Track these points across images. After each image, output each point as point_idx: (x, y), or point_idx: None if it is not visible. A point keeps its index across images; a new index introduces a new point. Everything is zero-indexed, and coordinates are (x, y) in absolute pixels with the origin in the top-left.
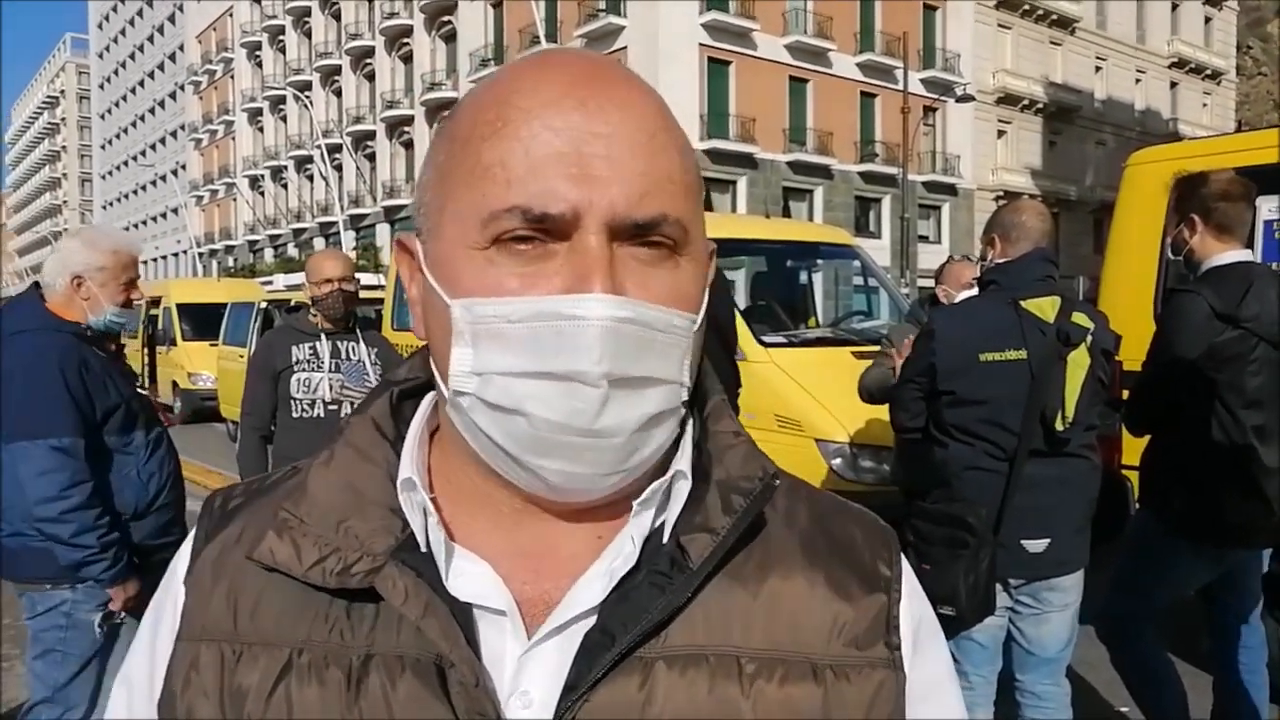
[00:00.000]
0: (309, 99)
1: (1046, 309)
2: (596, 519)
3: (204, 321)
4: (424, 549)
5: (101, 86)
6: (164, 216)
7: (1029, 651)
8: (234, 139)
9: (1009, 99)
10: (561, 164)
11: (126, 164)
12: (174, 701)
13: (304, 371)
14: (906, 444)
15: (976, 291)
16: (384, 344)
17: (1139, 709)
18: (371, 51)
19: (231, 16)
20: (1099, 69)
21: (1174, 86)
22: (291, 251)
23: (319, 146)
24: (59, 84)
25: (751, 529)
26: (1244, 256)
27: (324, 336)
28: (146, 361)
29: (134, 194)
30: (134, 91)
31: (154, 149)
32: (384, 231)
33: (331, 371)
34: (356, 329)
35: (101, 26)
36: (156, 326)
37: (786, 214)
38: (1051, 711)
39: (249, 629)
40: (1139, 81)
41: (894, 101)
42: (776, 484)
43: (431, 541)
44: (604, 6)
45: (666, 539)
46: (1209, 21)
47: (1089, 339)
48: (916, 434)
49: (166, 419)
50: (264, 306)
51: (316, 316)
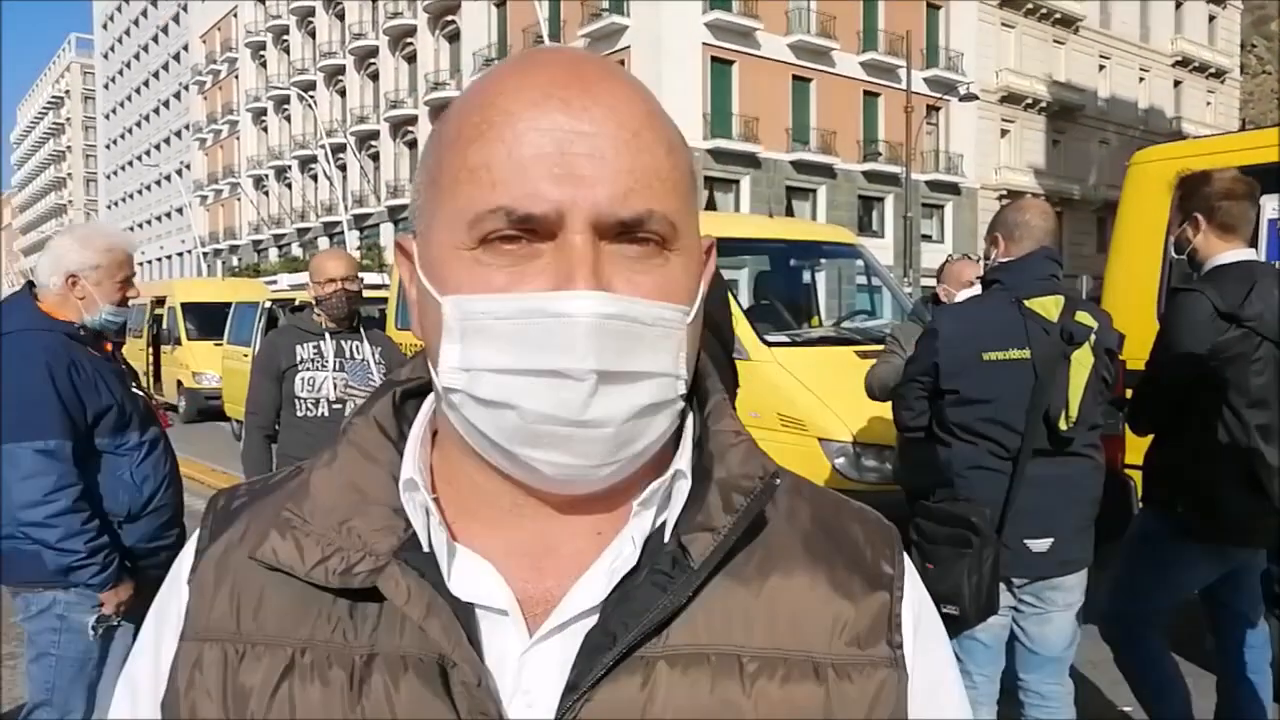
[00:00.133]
0: (313, 99)
1: (1050, 308)
2: (597, 518)
3: (209, 321)
4: (426, 549)
5: (106, 86)
6: (168, 216)
7: (1032, 651)
8: (238, 139)
9: (1012, 98)
10: (545, 164)
11: (131, 164)
12: (177, 701)
13: (308, 370)
14: (909, 443)
15: (977, 290)
16: (388, 343)
17: (1142, 708)
18: (375, 51)
19: (235, 16)
20: (1102, 68)
21: (1178, 85)
22: (296, 251)
23: (323, 146)
24: (64, 84)
25: (753, 528)
26: (1247, 255)
27: (328, 336)
28: (151, 361)
29: (139, 194)
30: (138, 91)
31: (158, 149)
32: (388, 231)
33: (336, 370)
34: (360, 328)
35: (106, 27)
36: (161, 326)
37: (790, 213)
38: (1055, 711)
39: (252, 629)
40: (1142, 80)
41: (897, 100)
42: (777, 483)
43: (433, 541)
44: (607, 6)
45: (668, 538)
46: (1213, 20)
47: (1093, 338)
48: (920, 433)
49: (165, 421)
50: (268, 306)
51: (320, 316)
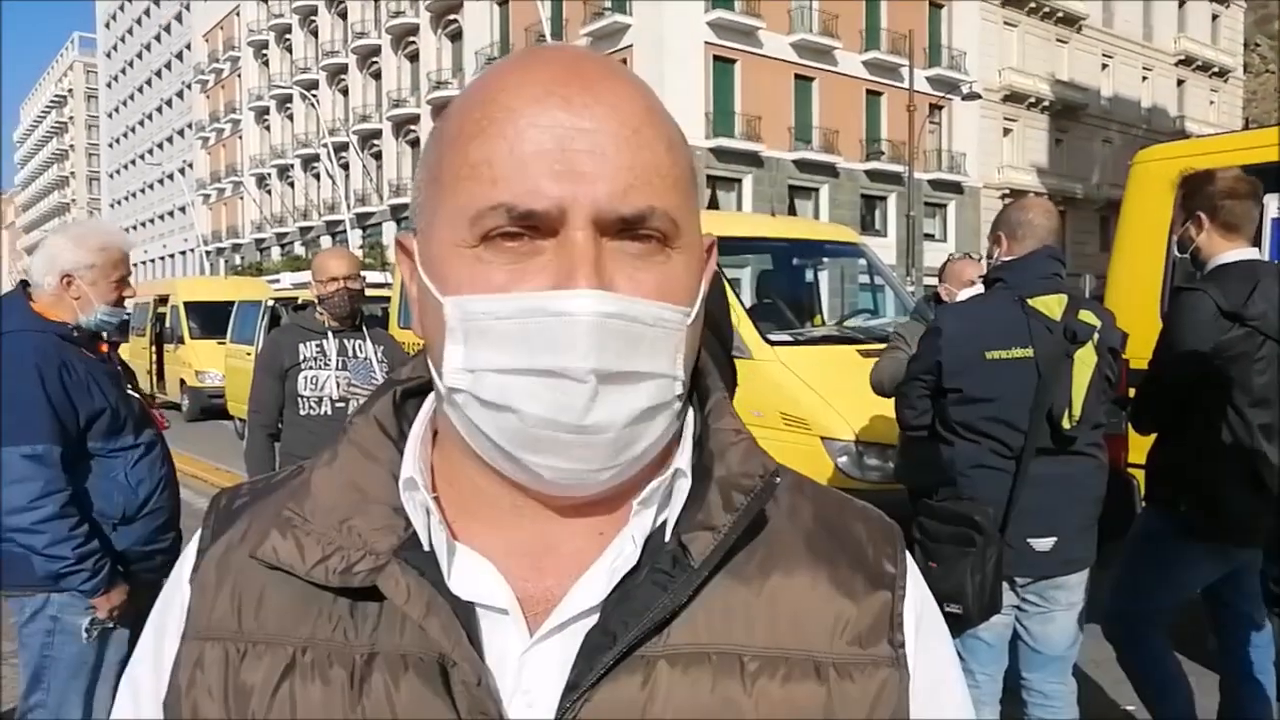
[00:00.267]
0: (315, 97)
1: (1053, 307)
2: (598, 517)
3: (211, 320)
4: (427, 548)
5: (109, 85)
6: (171, 215)
7: (1035, 650)
8: (241, 138)
9: (1015, 97)
10: (546, 161)
11: (134, 162)
12: (179, 700)
13: (311, 369)
14: (912, 442)
15: (979, 289)
16: (390, 341)
17: (1145, 708)
18: (378, 50)
19: (238, 15)
20: (1105, 66)
21: (1181, 84)
22: (298, 250)
23: (325, 145)
24: (67, 83)
25: (753, 526)
26: (1250, 254)
27: (331, 334)
28: (154, 360)
29: (141, 192)
30: (141, 90)
31: (161, 148)
32: (390, 230)
33: (338, 369)
34: (363, 326)
35: (109, 25)
36: (164, 325)
37: (792, 212)
38: (1058, 710)
39: (253, 627)
40: (1145, 79)
41: (900, 99)
42: (778, 481)
43: (433, 540)
44: (609, 5)
45: (668, 537)
46: (1216, 19)
47: (1096, 337)
48: (923, 432)
49: (162, 423)
50: (271, 305)
51: (323, 314)
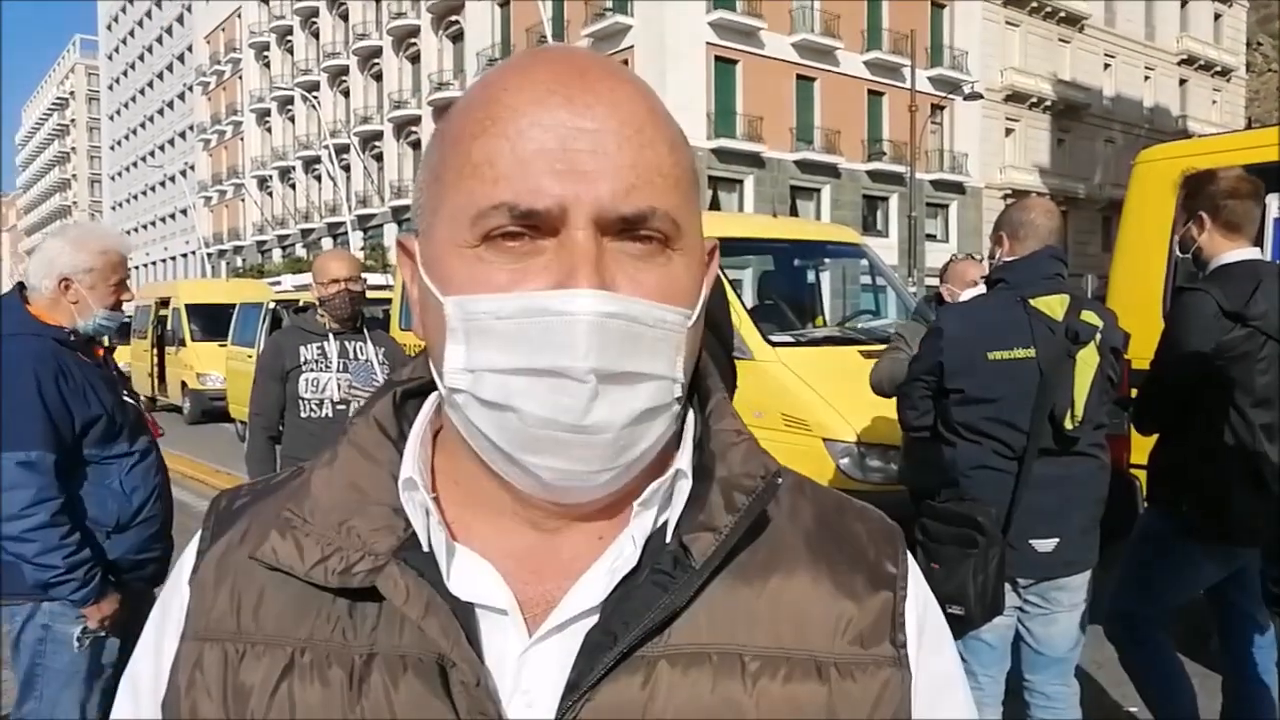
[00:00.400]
0: (316, 99)
1: (1055, 307)
2: (598, 519)
3: (213, 322)
4: (426, 549)
5: (110, 88)
6: (173, 217)
7: (1038, 651)
8: (242, 140)
9: (1017, 97)
10: (547, 160)
11: (135, 165)
12: (178, 701)
13: (312, 371)
14: (914, 443)
15: (981, 290)
16: (391, 344)
17: (1148, 709)
18: (379, 52)
19: (239, 17)
20: (1107, 66)
21: (1183, 84)
22: (299, 252)
23: (327, 147)
24: (68, 85)
25: (755, 527)
26: (1252, 254)
27: (332, 336)
28: (156, 362)
29: (143, 195)
30: (143, 93)
31: (163, 150)
32: (391, 231)
33: (339, 371)
34: (364, 329)
35: (110, 28)
36: (165, 327)
37: (794, 213)
38: (1060, 711)
39: (252, 628)
40: (1148, 79)
41: (901, 100)
42: (779, 482)
43: (433, 541)
44: (611, 6)
45: (669, 538)
46: (1218, 18)
47: (1098, 337)
48: (925, 432)
49: (156, 430)
50: (272, 307)
51: (324, 317)
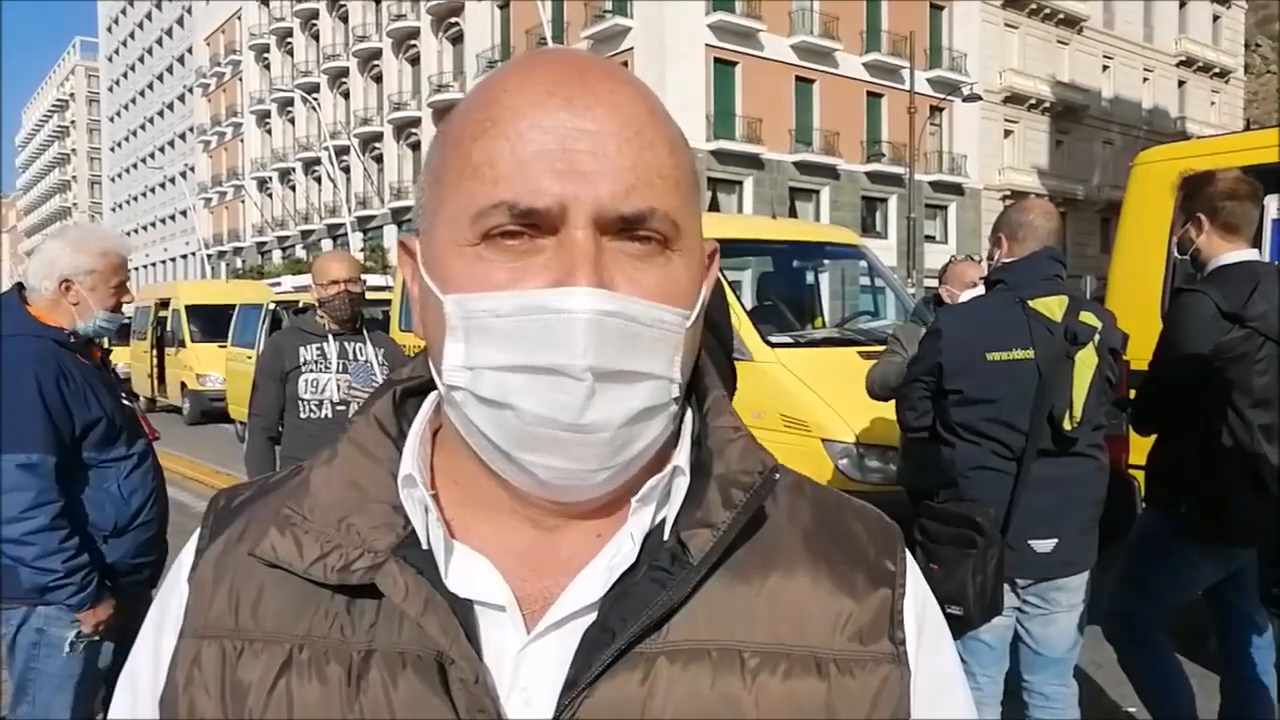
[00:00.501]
0: (316, 101)
1: (1054, 308)
2: (596, 516)
3: (212, 323)
4: (425, 546)
5: (111, 89)
6: (173, 219)
7: (1036, 652)
8: (242, 141)
9: (1016, 98)
10: (548, 160)
11: (136, 166)
12: (176, 698)
13: (312, 372)
14: (913, 443)
15: (980, 291)
16: (391, 344)
17: (1146, 709)
18: (379, 53)
19: (239, 19)
20: (1106, 68)
21: (1182, 85)
22: (299, 253)
23: (326, 148)
24: (69, 87)
25: (752, 523)
26: (1250, 256)
27: (331, 337)
28: (155, 363)
29: (143, 196)
30: (143, 94)
31: (163, 151)
32: (391, 233)
33: (339, 372)
34: (363, 330)
35: (111, 30)
36: (165, 328)
37: (793, 214)
38: (1059, 712)
39: (250, 625)
40: (1146, 80)
41: (900, 101)
42: (776, 477)
43: (431, 538)
44: (610, 7)
45: (667, 535)
46: (1217, 20)
47: (1096, 338)
48: (923, 433)
49: (152, 434)
50: (272, 308)
51: (324, 318)
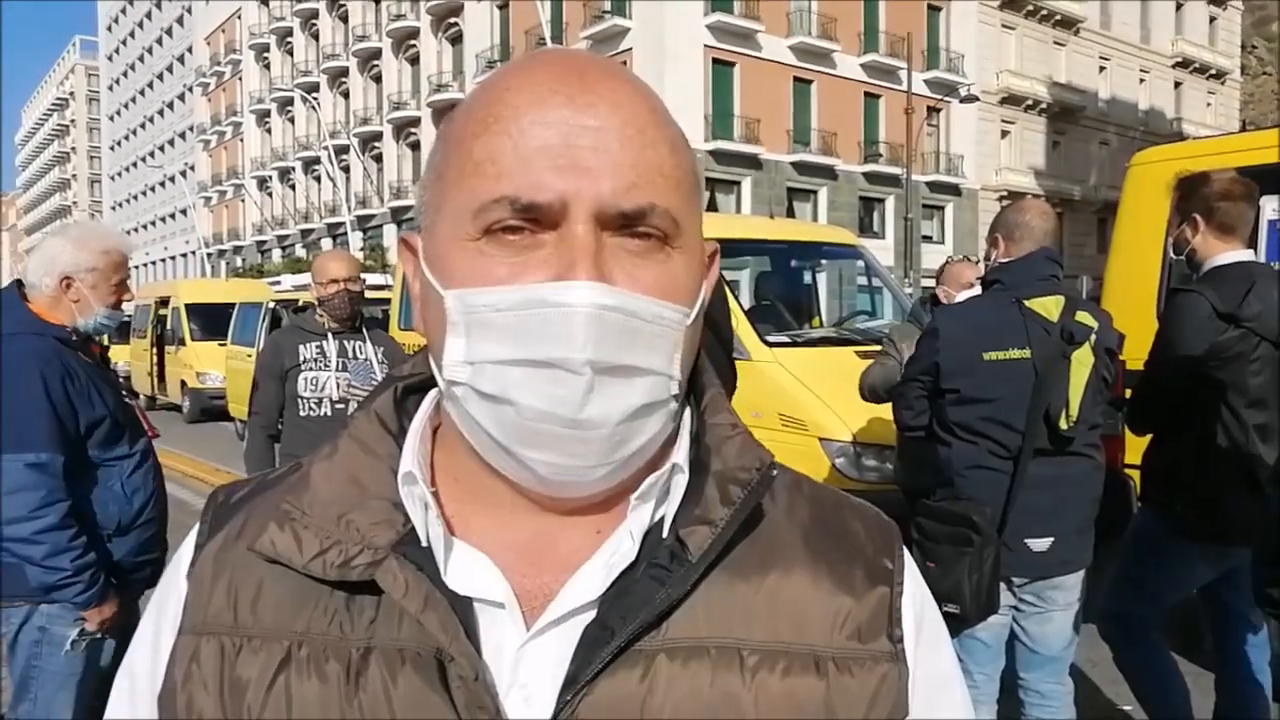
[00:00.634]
0: (316, 100)
1: (1050, 308)
2: (595, 513)
3: (212, 321)
4: (425, 543)
5: (111, 88)
6: (172, 217)
7: (1032, 650)
8: (242, 140)
9: (1012, 99)
10: (549, 156)
11: (135, 165)
12: (174, 695)
13: (311, 370)
14: (908, 442)
15: (976, 291)
16: (390, 343)
17: (1142, 708)
18: (378, 53)
19: (239, 19)
20: (1103, 69)
21: (1178, 86)
22: (299, 252)
23: (326, 148)
24: (69, 86)
25: (751, 521)
26: (1246, 256)
27: (331, 336)
28: (155, 361)
29: (143, 195)
30: (143, 93)
31: (163, 150)
32: (391, 232)
33: (339, 370)
34: (363, 328)
35: (111, 29)
36: (165, 326)
37: (791, 214)
38: (1055, 710)
39: (249, 621)
40: (1143, 81)
41: (898, 102)
42: (774, 474)
43: (431, 535)
44: (609, 8)
45: (666, 532)
46: (1213, 21)
47: (1093, 338)
48: (920, 432)
49: (152, 432)
50: (272, 306)
51: (323, 316)
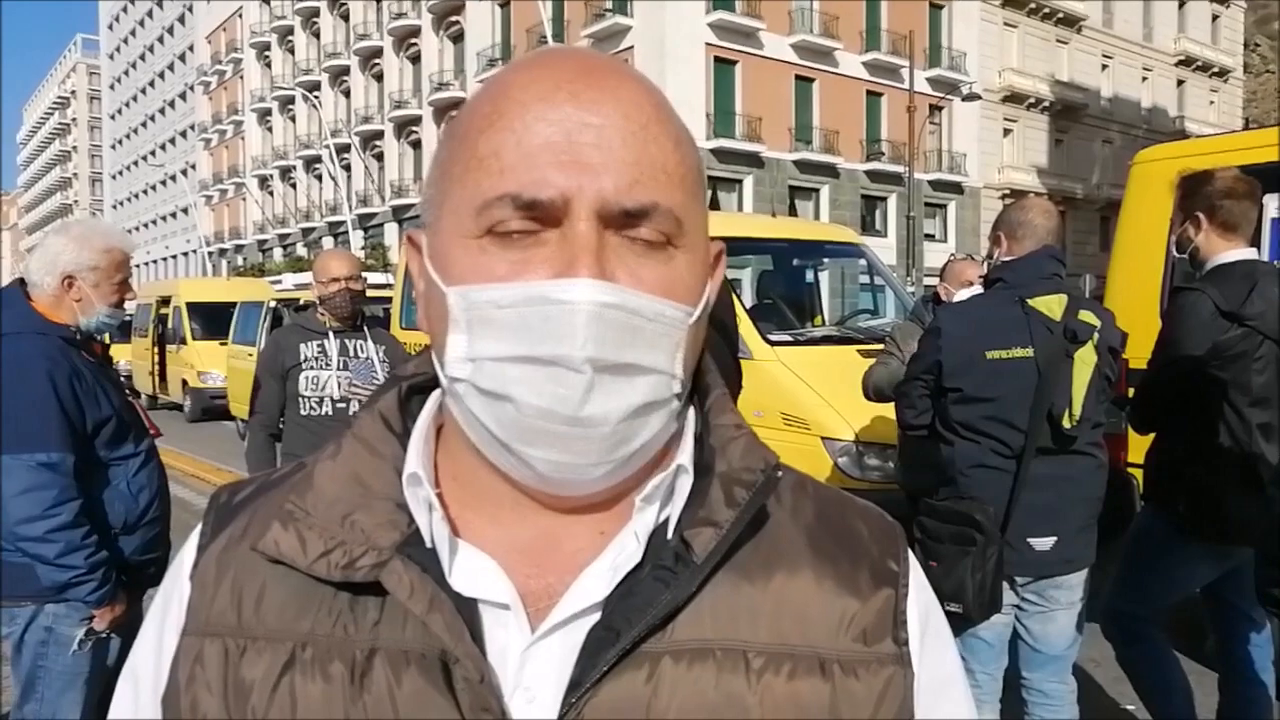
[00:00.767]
0: (317, 99)
1: (1053, 307)
2: (600, 515)
3: (213, 320)
4: (429, 544)
5: (112, 87)
6: (174, 216)
7: (1035, 649)
8: (243, 139)
9: (1015, 97)
10: (552, 152)
11: (137, 164)
12: (178, 696)
13: (312, 369)
14: (911, 442)
15: (976, 289)
16: (392, 341)
17: (1145, 707)
18: (380, 52)
19: (241, 17)
20: (1105, 67)
21: (1181, 84)
22: (300, 251)
23: (327, 146)
24: (70, 84)
25: (755, 522)
26: (1248, 254)
27: (332, 334)
28: (156, 360)
29: (144, 194)
30: (144, 92)
31: (164, 149)
32: (392, 231)
33: (340, 369)
34: (364, 327)
35: (112, 27)
36: (166, 325)
37: (793, 213)
38: (1058, 709)
39: (253, 622)
40: (1145, 79)
41: (900, 100)
42: (779, 475)
43: (435, 536)
44: (610, 6)
45: (671, 534)
46: (1216, 19)
47: (1096, 336)
48: (923, 431)
49: (154, 430)
50: (273, 305)
51: (324, 315)
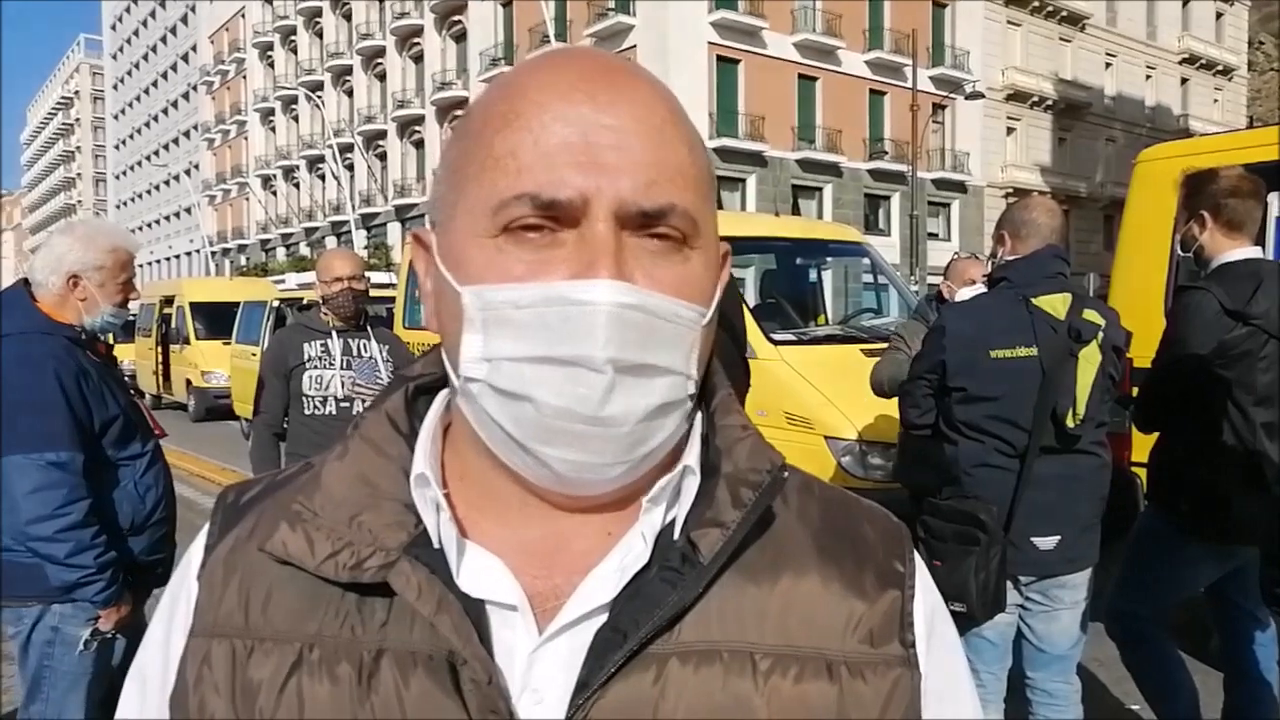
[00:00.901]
0: (320, 99)
1: (1058, 306)
2: (607, 515)
3: (217, 320)
4: (437, 545)
5: (115, 87)
6: (177, 216)
7: (1039, 649)
8: (246, 139)
9: (1018, 96)
10: (570, 153)
11: (140, 164)
12: (185, 697)
13: (316, 369)
14: (914, 441)
15: (979, 288)
16: (395, 340)
17: (1149, 707)
18: (382, 51)
19: (243, 17)
20: (1109, 65)
21: (1185, 83)
22: (303, 250)
23: (330, 146)
24: (73, 85)
25: (762, 523)
26: (1253, 253)
27: (335, 334)
28: (160, 360)
29: (147, 194)
30: (147, 92)
31: (167, 149)
32: (395, 230)
33: (343, 369)
34: (367, 326)
35: (115, 28)
36: (170, 325)
37: (796, 212)
38: (1062, 709)
39: (260, 623)
40: (1149, 78)
41: (903, 99)
42: (785, 476)
43: (443, 537)
44: (613, 5)
45: (677, 535)
46: (1220, 17)
47: (1100, 335)
48: (926, 430)
49: (158, 430)
50: (276, 305)
51: (328, 314)
